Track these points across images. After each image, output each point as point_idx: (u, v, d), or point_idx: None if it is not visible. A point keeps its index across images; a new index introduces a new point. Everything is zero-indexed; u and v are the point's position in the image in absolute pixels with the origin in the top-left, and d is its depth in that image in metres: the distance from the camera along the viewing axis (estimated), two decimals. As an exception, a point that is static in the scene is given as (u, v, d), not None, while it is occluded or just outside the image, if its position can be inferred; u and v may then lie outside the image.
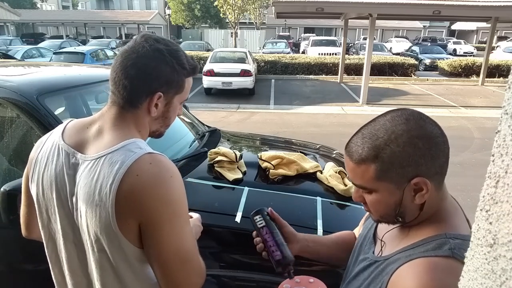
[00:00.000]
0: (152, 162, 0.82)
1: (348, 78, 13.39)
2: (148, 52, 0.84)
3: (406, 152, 0.67)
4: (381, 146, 0.69)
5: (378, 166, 0.69)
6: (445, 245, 0.66)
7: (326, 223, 1.52)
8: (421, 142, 0.67)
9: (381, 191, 0.72)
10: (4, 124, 1.73)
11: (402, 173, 0.68)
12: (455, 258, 0.63)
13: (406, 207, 0.71)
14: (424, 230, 0.71)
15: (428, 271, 0.63)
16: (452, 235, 0.68)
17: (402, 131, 0.68)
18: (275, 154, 1.97)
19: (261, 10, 29.89)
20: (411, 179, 0.68)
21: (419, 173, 0.68)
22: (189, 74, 0.93)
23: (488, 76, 13.06)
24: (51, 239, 0.95)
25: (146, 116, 0.89)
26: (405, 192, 0.69)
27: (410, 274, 0.64)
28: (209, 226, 1.53)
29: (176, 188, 0.84)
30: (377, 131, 0.71)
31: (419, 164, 0.67)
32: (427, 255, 0.66)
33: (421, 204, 0.70)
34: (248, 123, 7.61)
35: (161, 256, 0.82)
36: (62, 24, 30.66)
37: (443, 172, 0.71)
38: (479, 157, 5.49)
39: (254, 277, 1.45)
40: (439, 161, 0.69)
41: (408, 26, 36.55)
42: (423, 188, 0.68)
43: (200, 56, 14.19)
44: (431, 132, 0.69)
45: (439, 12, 9.12)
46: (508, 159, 0.45)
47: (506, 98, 0.46)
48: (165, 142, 2.26)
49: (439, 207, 0.73)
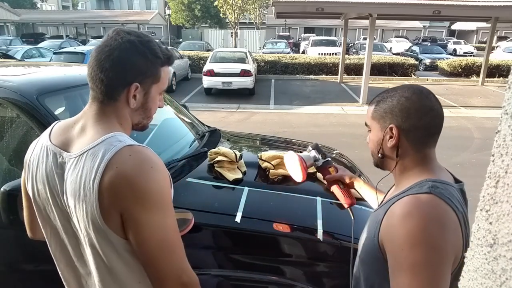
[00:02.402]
0: (131, 153, 0.83)
1: (348, 78, 13.39)
2: (121, 44, 0.87)
3: (392, 104, 0.90)
4: (384, 97, 0.94)
5: (375, 108, 0.95)
6: (425, 186, 0.83)
7: (326, 223, 1.52)
8: (407, 103, 0.88)
9: (373, 129, 0.96)
10: (4, 124, 1.73)
11: (385, 118, 0.91)
12: (433, 194, 0.81)
13: (384, 148, 0.93)
14: (410, 180, 0.89)
15: (411, 203, 0.81)
16: (432, 179, 0.85)
17: (404, 92, 0.90)
18: (275, 154, 1.97)
19: (261, 10, 29.88)
20: (389, 125, 0.90)
21: (393, 123, 0.90)
22: (164, 63, 0.94)
23: (488, 76, 13.06)
24: (53, 237, 0.96)
25: (126, 108, 0.91)
26: (384, 134, 0.92)
27: (397, 206, 0.82)
28: (209, 226, 1.53)
29: (157, 179, 0.84)
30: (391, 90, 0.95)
31: (397, 116, 0.89)
32: (411, 193, 0.83)
33: (395, 149, 0.91)
34: (248, 123, 7.61)
35: (143, 246, 0.83)
36: (62, 24, 30.68)
37: (418, 134, 0.88)
38: (479, 157, 5.49)
39: (254, 277, 1.45)
40: (412, 122, 0.87)
41: (408, 26, 36.55)
42: (393, 134, 0.90)
43: (200, 56, 14.20)
44: (422, 103, 0.88)
45: (439, 12, 9.12)
46: (508, 159, 0.45)
47: (506, 98, 0.46)
48: (165, 142, 2.26)
49: (421, 163, 0.90)
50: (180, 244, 0.88)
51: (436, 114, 0.88)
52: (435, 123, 0.89)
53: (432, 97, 0.89)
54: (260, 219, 1.56)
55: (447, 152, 5.65)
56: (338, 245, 1.49)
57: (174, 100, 2.77)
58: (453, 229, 0.78)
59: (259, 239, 1.50)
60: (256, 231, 1.51)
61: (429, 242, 0.75)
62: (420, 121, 0.87)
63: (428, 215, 0.77)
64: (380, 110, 0.93)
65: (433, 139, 0.90)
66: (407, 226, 0.77)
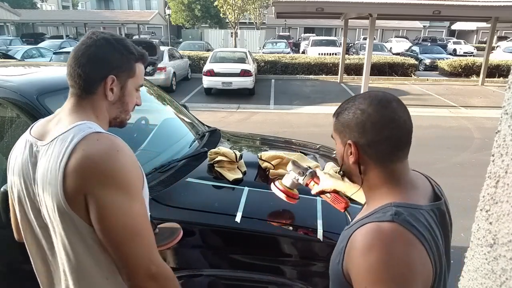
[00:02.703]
0: (99, 138, 0.86)
1: (348, 78, 13.39)
2: (96, 41, 0.93)
3: (348, 118, 0.83)
4: (343, 108, 0.86)
5: (335, 122, 0.88)
6: (388, 212, 0.76)
7: (326, 223, 1.52)
8: (363, 116, 0.80)
9: (336, 142, 0.90)
10: (4, 124, 1.72)
11: (343, 132, 0.85)
12: (396, 222, 0.74)
13: (346, 163, 0.87)
14: (378, 202, 0.82)
15: (372, 233, 0.74)
16: (397, 203, 0.78)
17: (361, 104, 0.82)
18: (275, 154, 1.97)
19: (261, 10, 29.88)
20: (347, 140, 0.83)
21: (350, 138, 0.83)
22: (138, 59, 0.99)
23: (488, 76, 13.06)
24: (28, 231, 0.97)
25: (103, 101, 0.96)
26: (344, 148, 0.85)
27: (359, 236, 0.76)
28: (209, 226, 1.53)
29: (123, 163, 0.85)
30: (350, 99, 0.87)
31: (353, 130, 0.82)
32: (374, 221, 0.76)
33: (357, 165, 0.84)
34: (248, 123, 7.61)
35: (106, 232, 0.82)
36: (62, 24, 30.65)
37: (379, 149, 0.80)
38: (479, 157, 5.49)
39: (254, 277, 1.45)
40: (370, 137, 0.80)
41: (408, 26, 36.54)
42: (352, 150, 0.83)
43: (200, 56, 14.19)
44: (380, 115, 0.79)
45: (439, 12, 9.12)
46: (508, 159, 0.45)
47: (506, 98, 0.46)
48: (165, 142, 2.26)
49: (388, 181, 0.83)
50: (148, 233, 0.87)
51: (397, 125, 0.79)
52: (397, 136, 0.79)
53: (394, 106, 0.80)
54: (260, 219, 1.56)
55: (447, 152, 5.66)
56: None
57: (174, 100, 2.77)
58: (418, 260, 0.72)
59: (259, 239, 1.50)
60: (256, 231, 1.51)
61: (392, 278, 0.70)
62: (378, 135, 0.79)
63: (390, 248, 0.71)
64: (339, 124, 0.86)
65: (400, 153, 0.81)
66: (368, 261, 0.71)
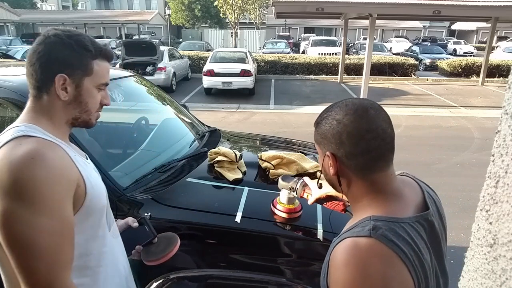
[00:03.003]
0: (22, 143, 0.82)
1: (348, 78, 13.38)
2: (46, 39, 0.90)
3: (326, 129, 0.80)
4: (322, 118, 0.83)
5: (315, 132, 0.85)
6: (366, 226, 0.74)
7: (326, 223, 1.52)
8: (338, 127, 0.78)
9: (319, 153, 0.86)
10: (4, 124, 1.72)
11: (322, 143, 0.82)
12: (373, 237, 0.71)
13: (327, 174, 0.84)
14: (359, 214, 0.80)
15: (349, 249, 0.72)
16: (376, 217, 0.75)
17: (337, 114, 0.80)
18: (275, 154, 1.97)
19: (261, 10, 29.87)
20: (326, 151, 0.81)
21: (328, 149, 0.81)
22: (96, 56, 0.95)
23: (488, 76, 13.06)
24: None
25: (57, 101, 0.91)
26: (324, 159, 0.83)
27: (338, 251, 0.74)
28: (209, 226, 1.53)
29: (35, 173, 0.78)
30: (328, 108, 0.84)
31: (330, 142, 0.79)
32: (352, 236, 0.74)
33: (336, 177, 0.82)
34: (248, 123, 7.61)
35: (4, 240, 0.77)
36: (62, 24, 30.59)
37: (358, 161, 0.78)
38: (479, 157, 5.49)
39: (254, 277, 1.45)
40: (347, 148, 0.77)
41: (408, 26, 36.54)
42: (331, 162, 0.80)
43: (200, 56, 14.19)
44: (355, 126, 0.76)
45: (439, 12, 9.12)
46: (508, 159, 0.45)
47: (506, 98, 0.46)
48: (165, 142, 2.26)
49: (370, 192, 0.80)
50: (55, 251, 0.80)
51: (375, 136, 0.75)
52: (375, 146, 0.76)
53: (371, 115, 0.77)
54: (260, 219, 1.56)
55: (447, 152, 5.66)
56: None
57: (174, 100, 2.77)
58: (396, 278, 0.69)
59: (259, 239, 1.50)
60: (256, 231, 1.51)
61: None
62: (355, 147, 0.76)
63: (366, 265, 0.69)
64: (317, 135, 0.83)
65: (380, 163, 0.78)
66: (344, 277, 0.70)
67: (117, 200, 1.54)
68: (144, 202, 1.57)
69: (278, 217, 1.52)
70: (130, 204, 1.56)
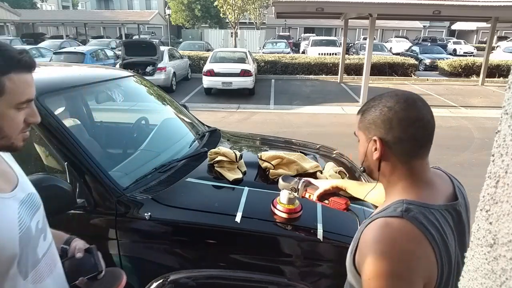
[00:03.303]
0: None
1: (348, 78, 13.38)
2: None
3: (375, 115, 0.85)
4: (369, 106, 0.88)
5: (361, 119, 0.90)
6: (399, 208, 0.79)
7: (326, 223, 1.52)
8: (390, 113, 0.82)
9: (360, 140, 0.92)
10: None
11: (369, 129, 0.86)
12: (405, 218, 0.77)
13: (369, 160, 0.89)
14: (392, 198, 0.85)
15: (380, 228, 0.78)
16: (409, 201, 0.80)
17: (388, 102, 0.84)
18: (275, 154, 1.97)
19: (261, 10, 29.86)
20: (373, 136, 0.85)
21: (376, 134, 0.85)
22: (7, 70, 0.77)
23: (488, 76, 13.05)
24: None
25: None
26: (369, 145, 0.87)
27: (370, 229, 0.79)
28: (209, 226, 1.53)
29: None
30: (377, 98, 0.89)
31: (380, 127, 0.84)
32: (385, 216, 0.80)
33: (378, 162, 0.86)
34: (248, 123, 7.60)
35: None
36: (62, 24, 30.65)
37: (403, 146, 0.83)
38: (479, 157, 5.49)
39: (254, 277, 1.45)
40: (396, 133, 0.82)
41: (408, 26, 36.53)
42: (377, 146, 0.85)
43: (200, 56, 14.20)
44: (406, 114, 0.82)
45: (439, 12, 9.12)
46: (508, 159, 0.45)
47: (506, 98, 0.47)
48: (165, 142, 2.26)
49: (406, 178, 0.85)
50: None
51: (423, 124, 0.82)
52: (422, 134, 0.82)
53: (419, 105, 0.83)
54: (260, 219, 1.56)
55: (447, 152, 5.65)
56: (338, 245, 1.48)
57: (174, 100, 2.77)
58: (423, 257, 0.75)
59: (259, 239, 1.50)
60: (256, 231, 1.51)
61: (393, 273, 0.73)
62: (404, 132, 0.81)
63: (395, 243, 0.75)
64: (365, 121, 0.88)
65: (422, 151, 0.84)
66: (374, 255, 0.75)
67: (117, 200, 1.54)
68: (144, 202, 1.57)
69: (278, 217, 1.52)
70: (130, 204, 1.56)
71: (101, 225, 1.56)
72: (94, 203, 1.52)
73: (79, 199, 1.51)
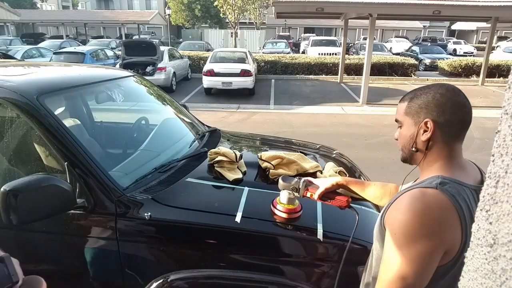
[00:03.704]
0: None
1: (348, 78, 13.38)
2: None
3: (427, 100, 0.95)
4: (417, 94, 0.99)
5: (409, 104, 0.99)
6: (434, 181, 0.89)
7: (326, 223, 1.52)
8: (443, 99, 0.93)
9: (405, 124, 1.00)
10: (4, 124, 1.73)
11: (419, 113, 0.96)
12: (439, 189, 0.86)
13: (417, 142, 0.97)
14: (428, 175, 0.95)
15: (416, 195, 0.87)
16: (444, 177, 0.90)
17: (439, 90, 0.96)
18: (275, 154, 1.97)
19: (261, 10, 29.87)
20: (423, 119, 0.94)
21: (428, 117, 0.94)
22: None
23: (488, 76, 13.05)
24: None
25: None
26: (418, 128, 0.96)
27: (405, 197, 0.89)
28: (209, 226, 1.53)
29: None
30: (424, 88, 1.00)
31: (433, 110, 0.94)
32: (420, 187, 0.90)
33: (427, 143, 0.95)
34: (248, 123, 7.60)
35: None
36: (62, 24, 30.62)
37: (451, 128, 0.93)
38: (479, 157, 5.49)
39: (254, 277, 1.45)
40: (447, 116, 0.92)
41: (408, 26, 36.52)
42: (428, 128, 0.94)
43: (200, 56, 14.19)
44: (456, 100, 0.93)
45: (439, 12, 9.12)
46: (508, 159, 0.44)
47: (506, 98, 0.47)
48: (165, 142, 2.26)
49: (444, 158, 0.95)
50: None
51: (468, 110, 0.94)
52: (466, 119, 0.94)
53: (463, 95, 0.95)
54: (260, 219, 1.56)
55: (447, 152, 5.65)
56: (339, 245, 1.48)
57: (174, 100, 2.77)
58: (450, 225, 0.83)
59: (259, 239, 1.50)
60: (256, 231, 1.51)
61: (419, 231, 0.83)
62: (454, 116, 0.93)
63: (427, 209, 0.84)
64: (415, 106, 0.97)
65: (463, 134, 0.95)
66: (405, 215, 0.84)
67: (117, 200, 1.54)
68: (144, 202, 1.57)
69: (278, 217, 1.52)
70: (130, 204, 1.56)
71: (101, 225, 1.56)
72: (94, 203, 1.52)
73: (79, 199, 1.50)
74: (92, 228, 1.56)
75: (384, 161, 5.23)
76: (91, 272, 1.60)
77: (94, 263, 1.60)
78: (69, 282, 1.67)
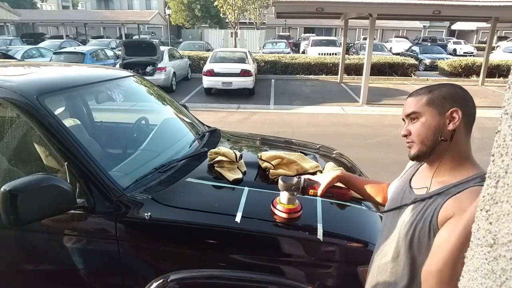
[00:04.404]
0: None
1: (348, 78, 13.38)
2: None
3: (451, 92, 0.98)
4: (436, 87, 1.01)
5: (431, 95, 0.99)
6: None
7: (326, 223, 1.52)
8: (463, 92, 0.99)
9: (427, 115, 0.98)
10: (4, 124, 1.73)
11: (444, 103, 0.97)
12: None
13: (443, 131, 0.96)
14: (461, 173, 0.95)
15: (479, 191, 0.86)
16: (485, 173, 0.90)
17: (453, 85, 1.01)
18: (275, 154, 1.97)
19: (261, 10, 29.85)
20: (449, 109, 0.96)
21: (455, 106, 0.96)
22: None
23: (488, 76, 13.05)
24: None
25: None
26: (444, 118, 0.96)
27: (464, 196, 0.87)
28: (209, 226, 1.53)
29: None
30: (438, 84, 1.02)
31: (458, 101, 0.96)
32: (478, 184, 0.89)
33: (452, 133, 0.95)
34: (248, 123, 7.60)
35: None
36: (62, 24, 30.62)
37: (470, 121, 0.97)
38: (479, 157, 5.42)
39: (254, 277, 1.45)
40: (469, 108, 0.97)
41: (408, 26, 36.52)
42: (456, 117, 0.95)
43: (200, 56, 14.19)
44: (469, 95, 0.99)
45: (439, 12, 9.11)
46: (508, 159, 0.45)
47: (506, 98, 0.47)
48: (165, 142, 2.26)
49: (468, 152, 0.98)
50: None
51: (475, 107, 0.99)
52: (475, 114, 0.99)
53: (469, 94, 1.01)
54: (260, 219, 1.56)
55: (447, 152, 5.65)
56: (339, 245, 1.48)
57: (174, 100, 2.77)
58: None
59: (259, 239, 1.50)
60: (256, 231, 1.51)
61: None
62: (473, 109, 0.97)
63: None
64: (439, 96, 0.98)
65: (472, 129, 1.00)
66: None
67: (117, 200, 1.54)
68: (144, 202, 1.57)
69: (278, 217, 1.52)
70: (130, 204, 1.56)
71: (101, 225, 1.56)
72: (94, 203, 1.52)
73: (79, 199, 1.50)
74: (92, 228, 1.56)
75: (384, 161, 5.23)
76: (91, 272, 1.60)
77: (94, 263, 1.60)
78: (69, 282, 1.67)
